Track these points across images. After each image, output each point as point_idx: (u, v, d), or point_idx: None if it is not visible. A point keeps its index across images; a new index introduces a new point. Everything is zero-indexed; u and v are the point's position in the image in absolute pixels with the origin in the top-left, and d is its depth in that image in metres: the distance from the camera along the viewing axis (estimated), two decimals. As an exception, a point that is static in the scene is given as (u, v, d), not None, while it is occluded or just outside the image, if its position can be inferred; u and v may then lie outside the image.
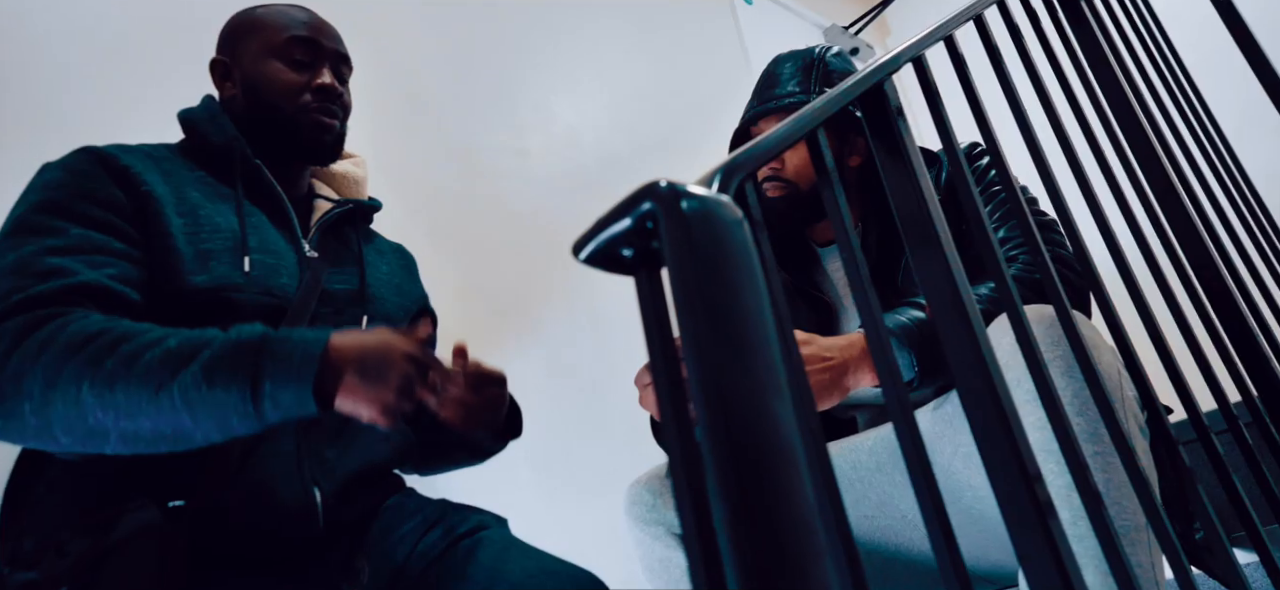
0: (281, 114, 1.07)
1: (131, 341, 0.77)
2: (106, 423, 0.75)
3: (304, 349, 0.78)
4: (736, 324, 0.36)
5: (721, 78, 2.98)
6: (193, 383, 0.75)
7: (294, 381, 0.76)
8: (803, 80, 1.22)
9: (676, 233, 0.37)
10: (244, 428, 0.77)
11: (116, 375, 0.75)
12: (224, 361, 0.76)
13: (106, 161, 0.93)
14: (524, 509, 1.35)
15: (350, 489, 0.96)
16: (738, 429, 0.34)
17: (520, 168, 2.07)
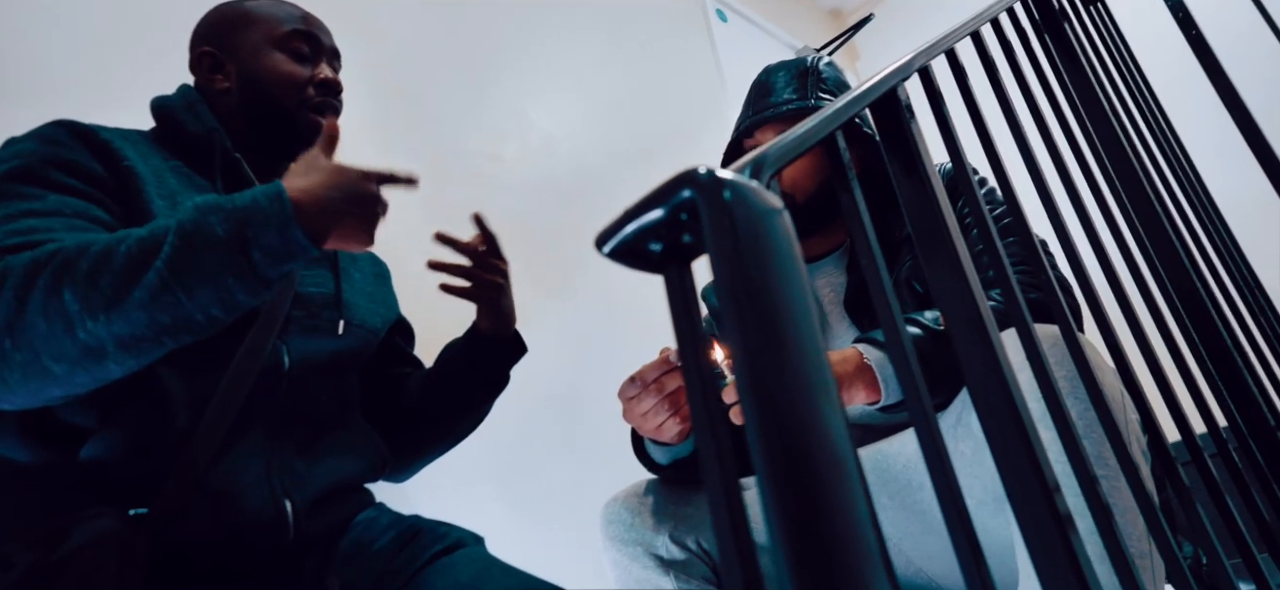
0: (283, 108, 1.03)
1: (97, 245, 0.72)
2: (99, 332, 0.69)
3: (265, 194, 0.75)
4: (785, 320, 0.33)
5: (696, 92, 2.98)
6: (174, 252, 0.71)
7: (274, 224, 0.74)
8: (799, 88, 1.20)
9: (721, 222, 0.34)
10: (244, 291, 0.73)
11: (96, 273, 0.70)
12: (197, 227, 0.72)
13: (84, 135, 0.88)
14: (489, 527, 1.31)
15: (321, 502, 0.91)
16: (789, 432, 0.31)
17: (495, 174, 2.03)
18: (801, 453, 0.31)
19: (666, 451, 1.06)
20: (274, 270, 0.74)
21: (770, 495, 0.30)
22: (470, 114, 2.06)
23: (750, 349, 0.32)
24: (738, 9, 3.52)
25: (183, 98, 1.03)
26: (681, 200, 0.36)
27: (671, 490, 1.12)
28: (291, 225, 0.74)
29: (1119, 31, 1.79)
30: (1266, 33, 1.63)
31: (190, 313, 0.71)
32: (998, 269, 0.70)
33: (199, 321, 0.72)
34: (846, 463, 0.33)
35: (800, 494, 0.30)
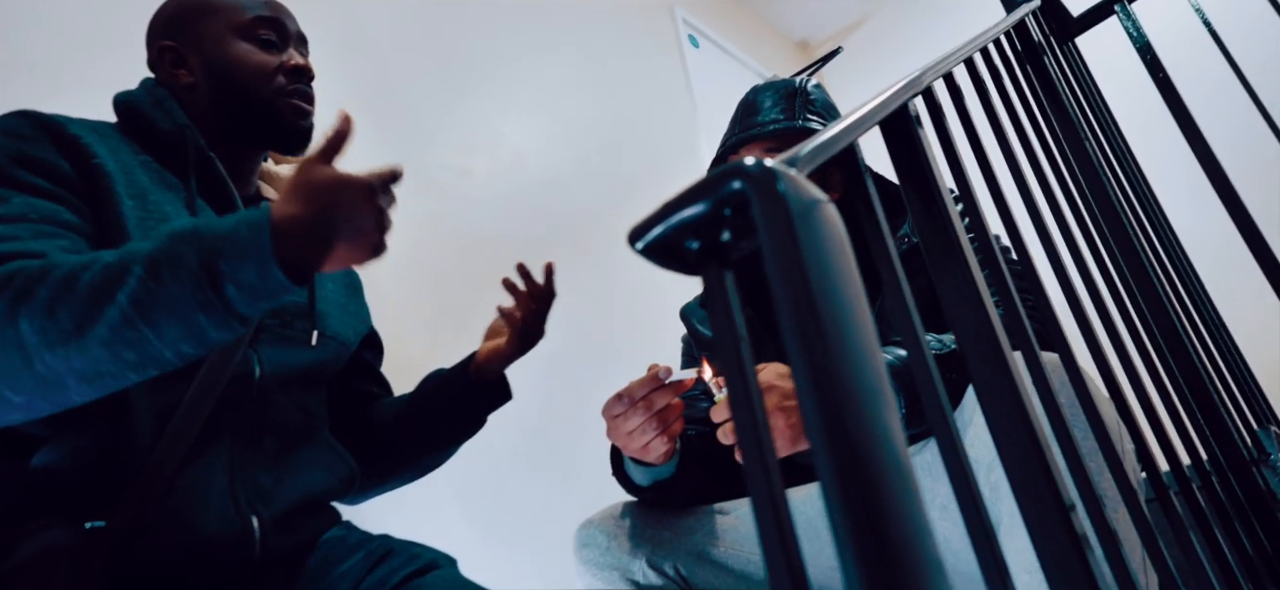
0: (256, 99, 0.97)
1: (60, 269, 0.65)
2: (57, 366, 0.63)
3: (247, 222, 0.66)
4: (846, 317, 0.31)
5: (667, 113, 2.99)
6: (139, 285, 0.63)
7: (252, 257, 0.65)
8: (786, 108, 1.20)
9: (776, 215, 0.32)
10: (217, 328, 0.65)
11: (56, 303, 0.63)
12: (167, 256, 0.64)
13: (51, 128, 0.82)
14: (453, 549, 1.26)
15: (288, 518, 0.86)
16: (854, 436, 0.29)
17: (464, 187, 1.99)
18: (867, 457, 0.28)
19: (648, 473, 1.03)
20: (250, 308, 0.66)
21: (836, 500, 0.28)
22: (441, 126, 2.02)
23: (811, 349, 0.30)
24: (710, 36, 3.54)
25: (149, 94, 0.96)
26: (729, 193, 0.34)
27: (649, 514, 1.09)
28: (270, 262, 0.65)
29: (1089, 71, 1.83)
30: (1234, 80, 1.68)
31: (158, 350, 0.64)
32: (1002, 292, 0.69)
33: (169, 358, 0.65)
34: (905, 467, 0.31)
35: (866, 499, 0.28)
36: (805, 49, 4.57)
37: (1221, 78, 1.66)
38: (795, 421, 0.86)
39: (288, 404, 0.92)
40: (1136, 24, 1.77)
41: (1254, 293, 1.59)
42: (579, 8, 2.75)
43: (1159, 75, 1.73)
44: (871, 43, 4.23)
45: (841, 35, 4.41)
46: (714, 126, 3.23)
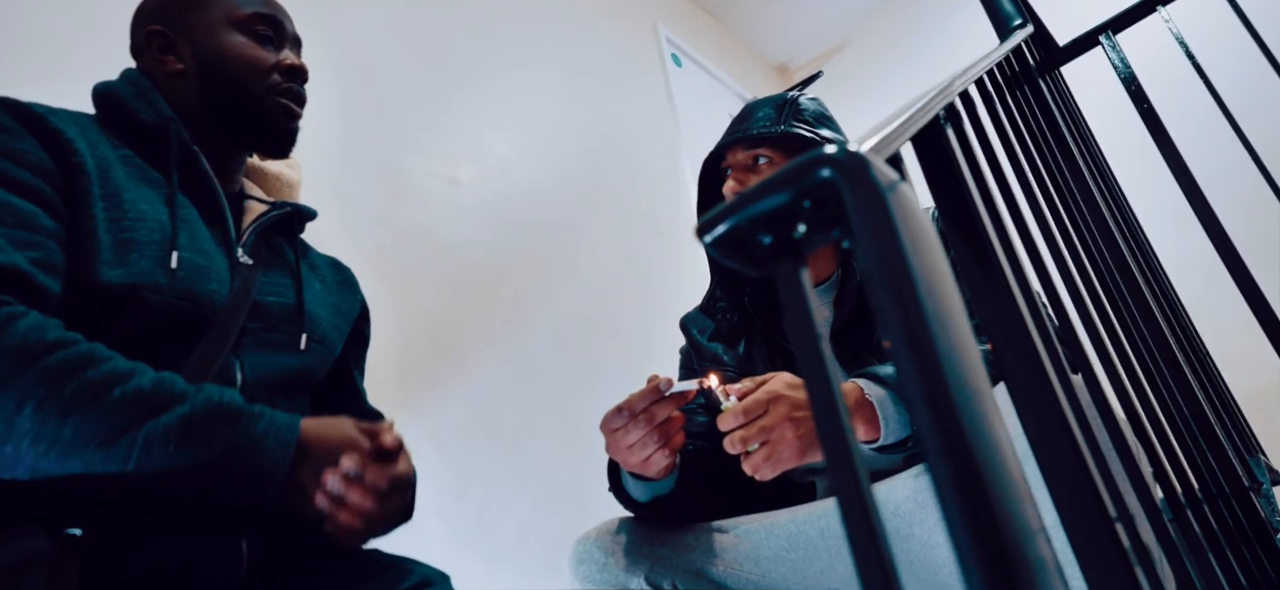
0: (248, 94, 0.95)
1: (97, 368, 0.67)
2: (29, 457, 0.64)
3: (279, 440, 0.73)
4: (946, 309, 0.29)
5: (651, 130, 3.00)
6: (162, 437, 0.67)
7: (263, 474, 0.71)
8: (775, 117, 1.21)
9: (871, 204, 0.30)
10: (187, 480, 0.69)
11: (74, 404, 0.65)
12: (200, 423, 0.69)
13: (32, 120, 0.79)
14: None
15: (274, 533, 0.82)
16: (971, 441, 0.27)
17: (450, 196, 1.96)
18: (980, 451, 0.27)
19: (647, 488, 1.01)
20: (223, 495, 0.71)
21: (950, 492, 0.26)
22: (428, 134, 1.99)
23: (915, 341, 0.28)
24: (692, 56, 3.56)
25: (131, 85, 0.93)
26: (815, 182, 0.32)
27: (646, 530, 1.06)
28: (276, 484, 0.72)
29: (1074, 101, 1.86)
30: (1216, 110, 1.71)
31: (117, 476, 0.67)
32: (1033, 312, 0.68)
33: (129, 471, 0.67)
34: (1008, 451, 0.29)
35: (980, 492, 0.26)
36: (785, 73, 4.60)
37: (1204, 108, 1.69)
38: (805, 432, 0.84)
39: None
40: (1121, 55, 1.80)
41: (1237, 320, 1.62)
42: (565, 22, 2.75)
43: (1143, 106, 1.76)
44: (851, 68, 4.28)
45: (821, 60, 4.46)
46: (696, 144, 3.24)
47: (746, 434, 0.83)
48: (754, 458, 0.83)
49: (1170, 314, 1.38)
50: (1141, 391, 0.85)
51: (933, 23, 4.00)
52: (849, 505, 0.31)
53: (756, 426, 0.83)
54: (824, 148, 0.33)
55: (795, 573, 1.03)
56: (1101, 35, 1.83)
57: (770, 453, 0.83)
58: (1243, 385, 1.60)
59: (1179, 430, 0.94)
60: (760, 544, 1.05)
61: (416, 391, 1.65)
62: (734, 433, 0.84)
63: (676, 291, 2.65)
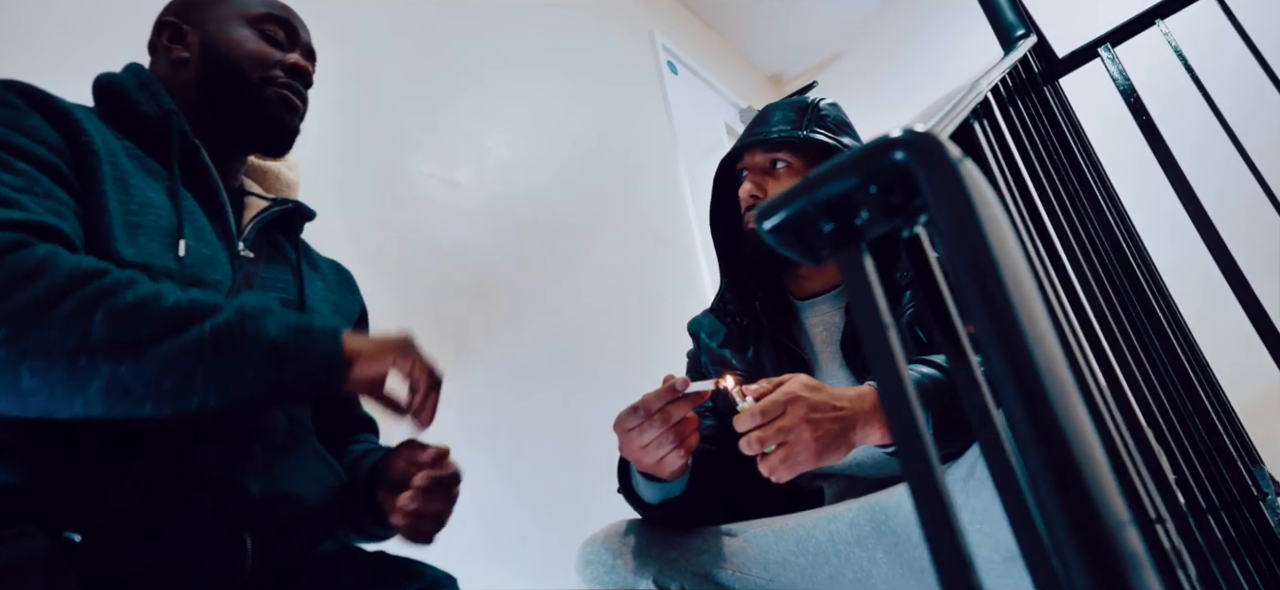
0: (246, 83, 0.94)
1: (145, 284, 0.67)
2: (101, 367, 0.62)
3: (325, 329, 0.75)
4: (1028, 299, 0.29)
5: (646, 134, 3.00)
6: (226, 326, 0.68)
7: (323, 351, 0.73)
8: (795, 121, 1.20)
9: (952, 186, 0.30)
10: (251, 390, 0.69)
11: (140, 310, 0.65)
12: (257, 313, 0.70)
13: (39, 99, 0.78)
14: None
15: (280, 532, 0.81)
16: (1064, 427, 0.26)
17: (450, 198, 1.95)
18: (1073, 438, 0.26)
19: (658, 490, 1.00)
20: (293, 390, 0.72)
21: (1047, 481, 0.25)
22: (427, 136, 1.98)
23: (1002, 324, 0.27)
24: (688, 64, 3.56)
25: (134, 77, 0.92)
26: (888, 165, 0.31)
27: (655, 532, 1.05)
28: (339, 362, 0.73)
29: (1073, 112, 1.87)
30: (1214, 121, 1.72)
31: (193, 392, 0.66)
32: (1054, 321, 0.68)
33: (192, 404, 0.66)
34: (1091, 429, 0.28)
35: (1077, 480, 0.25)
36: (778, 83, 4.62)
37: (1202, 121, 1.70)
38: (822, 434, 0.83)
39: (276, 411, 0.87)
40: (1120, 67, 1.81)
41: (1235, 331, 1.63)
42: (563, 27, 2.75)
43: (1142, 118, 1.77)
44: (844, 79, 4.30)
45: (815, 71, 4.48)
46: (692, 151, 3.24)
47: (764, 435, 0.82)
48: (771, 459, 0.82)
49: (1173, 325, 1.38)
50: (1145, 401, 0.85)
51: (925, 35, 4.03)
52: (924, 493, 0.30)
53: (774, 427, 0.82)
54: (891, 132, 0.33)
55: (804, 578, 1.02)
56: (1101, 48, 1.84)
57: (787, 454, 0.82)
58: (1239, 396, 1.61)
59: (1194, 439, 0.94)
60: (769, 548, 1.04)
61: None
62: (751, 433, 0.83)
63: (674, 297, 2.65)
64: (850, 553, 1.01)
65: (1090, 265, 1.15)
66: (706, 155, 3.41)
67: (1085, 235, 1.18)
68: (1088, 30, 1.92)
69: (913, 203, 0.32)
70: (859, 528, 1.01)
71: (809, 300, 1.23)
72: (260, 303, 0.71)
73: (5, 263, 0.60)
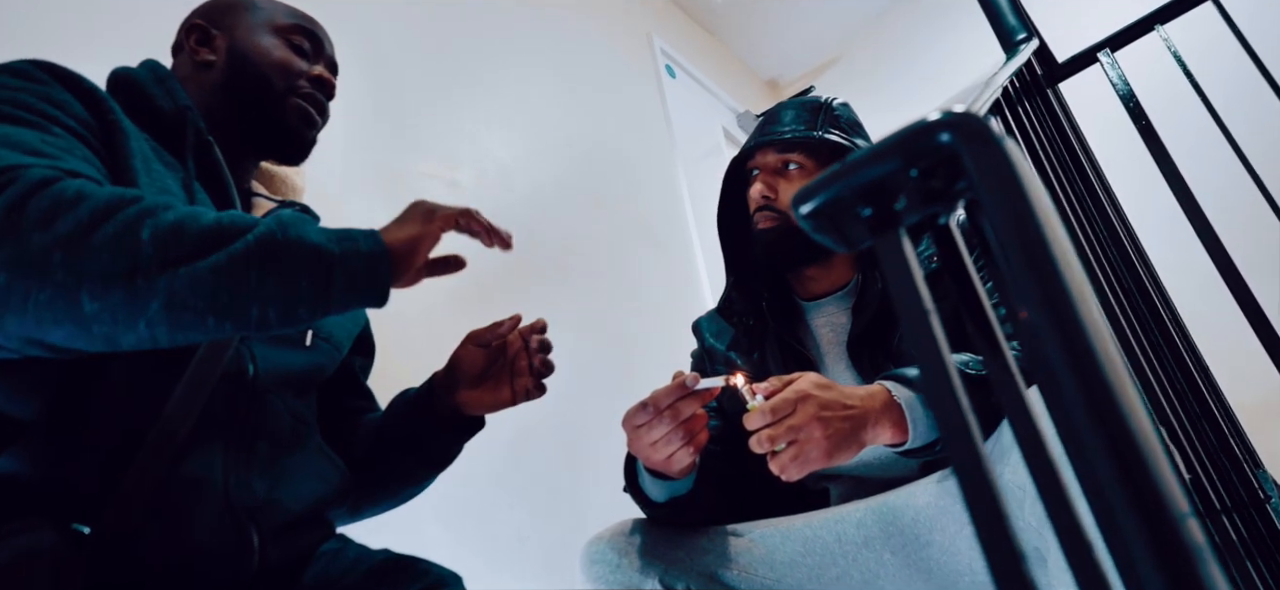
0: (271, 91, 0.94)
1: (182, 206, 0.65)
2: (158, 283, 0.61)
3: (365, 232, 0.72)
4: (1079, 283, 0.28)
5: (645, 137, 3.00)
6: (267, 234, 0.65)
7: (365, 251, 0.71)
8: (808, 121, 1.19)
9: (999, 165, 0.29)
10: (309, 303, 0.67)
11: (183, 225, 0.63)
12: (295, 222, 0.68)
13: (69, 77, 0.77)
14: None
15: (286, 529, 0.80)
16: (1125, 414, 0.26)
17: (449, 198, 1.94)
18: (1134, 425, 0.25)
19: (665, 488, 0.99)
20: (344, 295, 0.68)
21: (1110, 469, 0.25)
22: (426, 136, 1.97)
23: (1057, 308, 0.27)
24: (686, 68, 3.56)
25: (150, 72, 0.92)
26: (933, 146, 0.31)
27: (661, 532, 1.04)
28: (385, 260, 0.71)
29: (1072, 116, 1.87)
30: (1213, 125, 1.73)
31: (250, 302, 0.63)
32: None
33: (252, 316, 0.64)
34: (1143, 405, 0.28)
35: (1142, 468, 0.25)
36: (775, 87, 4.63)
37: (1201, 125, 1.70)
38: (833, 432, 0.82)
39: (281, 408, 0.86)
40: (1120, 72, 1.82)
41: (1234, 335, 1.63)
42: (561, 29, 2.74)
43: (1141, 122, 1.78)
44: (840, 84, 4.31)
45: (812, 75, 4.49)
46: (690, 154, 3.24)
47: (774, 433, 0.81)
48: (781, 457, 0.81)
49: (1175, 328, 1.38)
50: (1157, 402, 0.85)
51: (921, 41, 4.04)
52: (970, 482, 0.30)
53: (784, 425, 0.81)
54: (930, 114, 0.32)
55: (811, 578, 1.02)
56: (1100, 52, 1.85)
57: (798, 452, 0.81)
58: (1239, 399, 1.62)
59: (1200, 442, 0.94)
60: (775, 548, 1.03)
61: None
62: (761, 432, 0.82)
63: (672, 299, 2.65)
64: (857, 554, 1.00)
65: (1094, 268, 1.15)
66: (704, 159, 3.41)
67: (1087, 238, 1.18)
68: (1086, 36, 1.93)
69: (954, 187, 0.32)
70: (866, 528, 1.00)
71: (815, 301, 1.22)
72: (297, 215, 0.70)
73: (46, 193, 0.60)
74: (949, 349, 0.32)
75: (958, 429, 0.30)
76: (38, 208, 0.58)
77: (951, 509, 0.92)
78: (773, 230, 1.17)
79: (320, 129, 1.01)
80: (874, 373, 1.08)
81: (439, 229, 0.78)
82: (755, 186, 1.20)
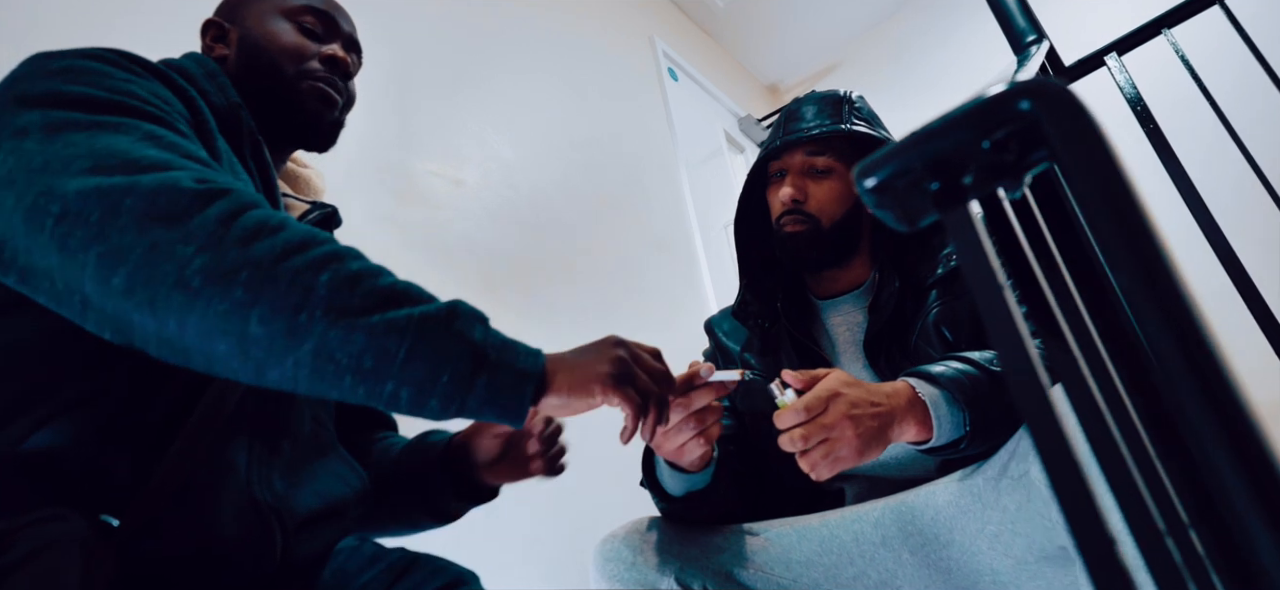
0: (282, 78, 0.91)
1: (363, 258, 0.65)
2: (316, 329, 0.60)
3: (527, 350, 0.69)
4: (1169, 260, 0.27)
5: (648, 139, 3.00)
6: (432, 316, 0.64)
7: (519, 370, 0.67)
8: (832, 115, 1.17)
9: (1087, 133, 0.28)
10: (442, 397, 0.63)
11: (358, 279, 0.63)
12: (464, 313, 0.66)
13: (153, 68, 0.76)
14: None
15: (307, 525, 0.79)
16: (1229, 383, 0.25)
17: (455, 197, 1.93)
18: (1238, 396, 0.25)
19: (681, 481, 0.97)
20: (480, 404, 0.65)
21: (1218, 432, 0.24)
22: (432, 135, 1.96)
23: (1155, 274, 0.26)
24: (688, 71, 3.56)
25: (200, 66, 0.89)
26: (1013, 114, 0.30)
27: (676, 529, 1.03)
28: (533, 380, 0.67)
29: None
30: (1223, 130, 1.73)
31: (388, 377, 0.61)
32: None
33: (386, 391, 0.62)
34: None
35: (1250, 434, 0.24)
36: (775, 92, 4.63)
37: (1209, 128, 1.70)
38: (864, 430, 0.80)
39: (304, 409, 0.85)
40: (1127, 75, 1.81)
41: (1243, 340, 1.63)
42: (566, 31, 2.74)
43: (1149, 126, 1.78)
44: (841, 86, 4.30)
45: (812, 81, 4.49)
46: (692, 157, 3.24)
47: (808, 430, 0.79)
48: (812, 455, 0.79)
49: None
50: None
51: (920, 47, 4.05)
52: (1055, 461, 0.29)
53: (817, 423, 0.79)
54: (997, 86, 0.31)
55: (827, 578, 1.00)
56: (1108, 56, 1.85)
57: (830, 450, 0.79)
58: (1249, 403, 1.61)
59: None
60: (792, 548, 1.02)
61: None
62: (794, 430, 0.80)
63: (675, 300, 2.64)
64: (875, 553, 0.99)
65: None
66: (706, 162, 3.41)
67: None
68: (1093, 39, 1.93)
69: (1028, 158, 0.31)
70: (884, 528, 0.99)
71: (831, 300, 1.21)
72: (473, 310, 0.68)
73: (253, 213, 0.62)
74: (1027, 330, 0.31)
75: (1037, 403, 0.29)
76: (243, 226, 0.60)
77: (972, 508, 0.91)
78: (800, 235, 1.15)
79: (341, 110, 0.98)
80: (891, 371, 1.07)
81: (611, 402, 0.72)
82: (784, 188, 1.16)
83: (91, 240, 0.58)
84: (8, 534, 0.55)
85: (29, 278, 0.61)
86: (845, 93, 1.22)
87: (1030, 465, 0.82)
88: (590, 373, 0.70)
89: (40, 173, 0.61)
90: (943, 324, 1.06)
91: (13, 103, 0.66)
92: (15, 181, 0.61)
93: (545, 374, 0.68)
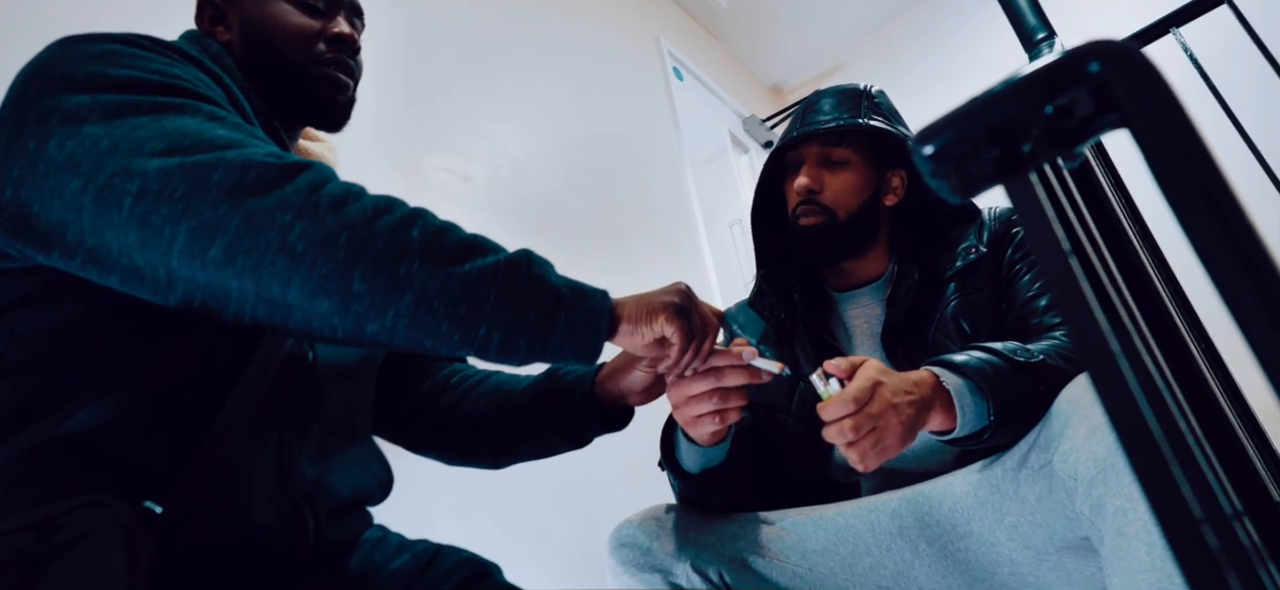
0: (291, 64, 0.88)
1: (437, 217, 0.69)
2: (415, 278, 0.64)
3: (595, 290, 0.74)
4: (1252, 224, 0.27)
5: (653, 138, 3.00)
6: (514, 261, 0.69)
7: (592, 306, 0.72)
8: (851, 109, 1.17)
9: (1159, 94, 0.28)
10: (529, 335, 0.67)
11: (444, 232, 0.67)
12: (538, 260, 0.72)
13: (178, 50, 0.77)
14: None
15: (337, 515, 0.79)
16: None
17: (464, 193, 1.93)
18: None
19: (699, 457, 0.95)
20: (561, 342, 0.69)
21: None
22: (441, 132, 1.96)
23: (1237, 237, 0.26)
24: (693, 71, 3.56)
25: (204, 50, 0.86)
26: (1082, 76, 0.30)
27: (691, 516, 1.03)
28: (605, 317, 0.72)
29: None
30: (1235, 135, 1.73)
31: (481, 320, 0.65)
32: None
33: (479, 334, 0.66)
34: None
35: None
36: (778, 93, 4.63)
37: (1219, 128, 1.70)
38: (904, 419, 0.79)
39: (337, 396, 0.85)
40: (1138, 74, 1.81)
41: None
42: (573, 30, 2.74)
43: (1159, 124, 1.78)
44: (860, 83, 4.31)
45: (815, 82, 4.49)
46: (697, 156, 3.24)
47: (858, 421, 0.77)
48: (862, 445, 0.77)
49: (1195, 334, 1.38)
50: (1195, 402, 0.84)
51: (923, 48, 4.05)
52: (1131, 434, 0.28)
53: (866, 414, 0.78)
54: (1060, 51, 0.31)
55: (843, 567, 1.00)
56: (1117, 55, 1.85)
57: (877, 440, 0.78)
58: (1259, 403, 1.61)
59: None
60: (808, 536, 1.02)
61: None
62: (843, 421, 0.78)
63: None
64: (892, 543, 0.99)
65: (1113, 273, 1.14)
66: (711, 162, 3.41)
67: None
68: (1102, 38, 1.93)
69: (1096, 121, 0.31)
70: (902, 518, 0.99)
71: (848, 292, 1.21)
72: (543, 257, 0.73)
73: (336, 183, 0.66)
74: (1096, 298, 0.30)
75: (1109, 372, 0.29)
76: (331, 193, 0.64)
77: (991, 499, 0.91)
78: (815, 227, 1.15)
79: (353, 88, 0.95)
80: (908, 364, 1.07)
81: (670, 333, 0.76)
82: (800, 178, 1.16)
83: (180, 216, 0.60)
84: (52, 519, 0.55)
85: (99, 258, 0.62)
86: (865, 87, 1.22)
87: (1052, 456, 0.82)
88: (656, 302, 0.76)
89: (111, 154, 0.61)
90: (961, 316, 1.05)
91: (57, 85, 0.66)
92: (80, 164, 0.61)
93: (614, 308, 0.74)
